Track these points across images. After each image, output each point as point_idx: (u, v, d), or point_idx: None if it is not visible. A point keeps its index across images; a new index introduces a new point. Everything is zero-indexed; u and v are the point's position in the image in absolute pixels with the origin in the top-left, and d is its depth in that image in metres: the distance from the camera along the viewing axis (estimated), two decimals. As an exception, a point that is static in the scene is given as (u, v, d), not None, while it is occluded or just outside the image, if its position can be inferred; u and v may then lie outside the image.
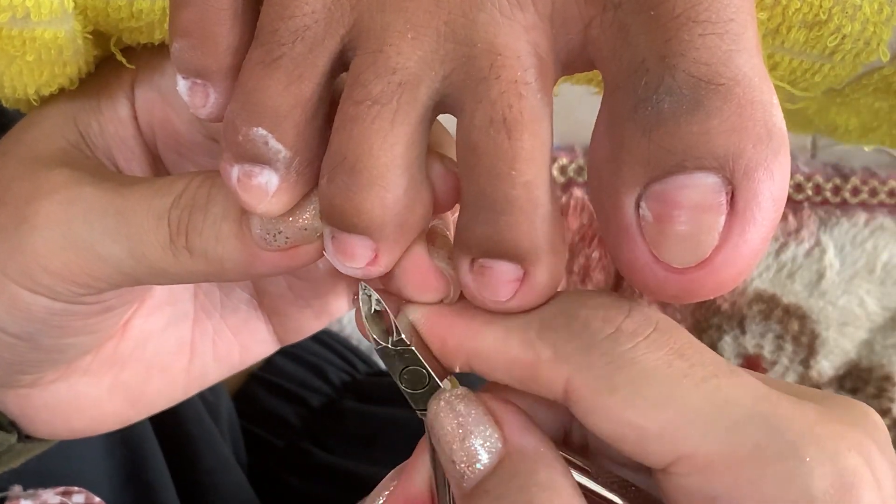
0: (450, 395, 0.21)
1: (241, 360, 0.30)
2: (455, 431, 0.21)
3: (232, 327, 0.30)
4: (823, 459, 0.18)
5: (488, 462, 0.20)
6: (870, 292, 0.93)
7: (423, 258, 0.21)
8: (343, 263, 0.21)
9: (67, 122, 0.26)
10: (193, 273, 0.23)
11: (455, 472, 0.21)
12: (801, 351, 0.96)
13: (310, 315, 0.30)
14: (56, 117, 0.26)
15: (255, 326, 0.30)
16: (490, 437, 0.20)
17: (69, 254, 0.23)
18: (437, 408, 0.21)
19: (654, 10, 0.18)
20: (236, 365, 0.30)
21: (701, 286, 0.18)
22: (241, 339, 0.30)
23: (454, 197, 0.21)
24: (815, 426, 0.18)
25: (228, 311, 0.30)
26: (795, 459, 0.18)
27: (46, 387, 0.27)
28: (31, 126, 0.26)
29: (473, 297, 0.21)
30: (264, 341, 0.30)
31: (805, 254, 0.92)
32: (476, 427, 0.21)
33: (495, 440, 0.20)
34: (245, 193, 0.20)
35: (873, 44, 0.23)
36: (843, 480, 0.18)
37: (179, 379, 0.29)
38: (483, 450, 0.20)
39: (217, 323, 0.30)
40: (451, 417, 0.21)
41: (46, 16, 0.22)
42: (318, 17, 0.19)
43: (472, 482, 0.20)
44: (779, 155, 0.18)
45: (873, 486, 0.18)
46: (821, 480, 0.18)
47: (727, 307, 0.95)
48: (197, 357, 0.29)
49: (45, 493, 0.31)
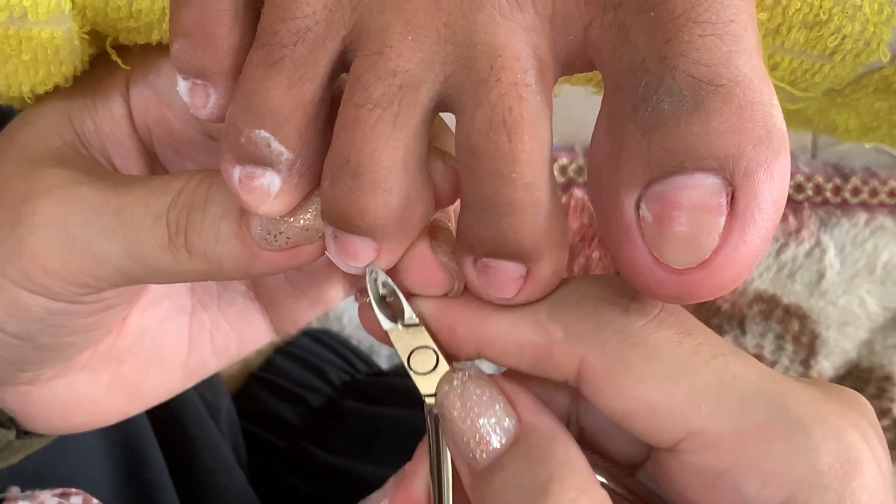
0: (463, 375, 0.21)
1: (238, 352, 0.30)
2: (470, 410, 0.21)
3: (229, 319, 0.30)
4: (829, 436, 0.19)
5: (504, 440, 0.20)
6: (870, 292, 0.93)
7: (426, 254, 0.22)
8: (345, 262, 0.21)
9: (62, 121, 0.26)
10: (192, 273, 0.23)
11: (467, 452, 0.21)
12: (801, 351, 0.96)
13: (306, 304, 0.30)
14: (51, 116, 0.26)
15: (252, 317, 0.30)
16: (505, 416, 0.21)
17: (66, 254, 0.23)
18: (449, 387, 0.21)
19: (655, 10, 0.18)
20: (234, 356, 0.30)
21: (701, 287, 0.18)
22: (238, 330, 0.30)
23: (455, 193, 0.21)
24: (819, 404, 0.19)
25: (225, 304, 0.30)
26: (802, 436, 0.19)
27: (45, 383, 0.27)
28: (26, 125, 0.26)
29: (479, 294, 0.21)
30: (261, 332, 0.30)
31: (805, 254, 0.92)
32: (492, 406, 0.21)
33: (510, 419, 0.21)
34: (247, 195, 0.20)
35: (873, 44, 0.23)
36: (848, 456, 0.19)
37: (177, 372, 0.29)
38: (499, 428, 0.20)
39: (214, 315, 0.30)
40: (466, 396, 0.21)
41: (44, 16, 0.22)
42: (319, 19, 0.19)
43: (485, 461, 0.20)
44: (779, 156, 0.18)
45: (873, 461, 0.19)
46: (827, 456, 0.18)
47: (727, 307, 0.95)
48: (195, 350, 0.29)
49: (42, 495, 0.31)
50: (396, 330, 0.22)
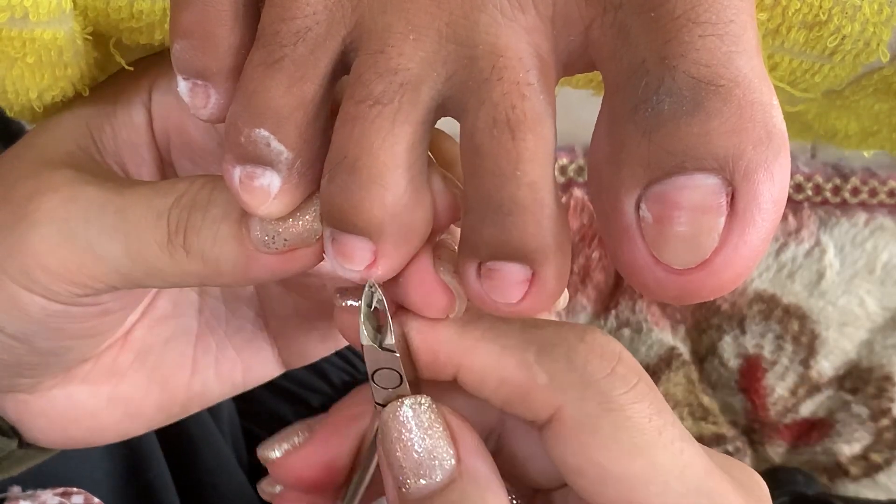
0: (415, 403, 0.21)
1: (243, 381, 0.30)
2: (411, 440, 0.21)
3: (236, 346, 0.30)
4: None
5: (440, 480, 0.21)
6: (870, 292, 0.93)
7: (428, 272, 0.21)
8: (342, 265, 0.21)
9: (80, 126, 0.26)
10: (189, 274, 0.23)
11: (398, 477, 0.21)
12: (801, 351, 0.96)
13: (316, 338, 0.30)
14: (69, 122, 0.26)
15: (260, 347, 0.30)
16: (445, 454, 0.21)
17: (66, 251, 0.23)
18: (399, 411, 0.21)
19: (655, 11, 0.18)
20: (238, 385, 0.30)
21: (701, 287, 0.18)
22: (244, 358, 0.30)
23: (452, 214, 0.21)
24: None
25: (233, 329, 0.30)
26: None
27: (44, 393, 0.27)
28: (44, 130, 0.26)
29: (483, 303, 0.21)
30: (268, 363, 0.30)
31: (805, 254, 0.92)
32: (435, 441, 0.21)
33: (450, 458, 0.21)
34: (247, 195, 0.20)
35: (873, 44, 0.23)
36: None
37: (179, 394, 0.29)
38: (437, 466, 0.21)
39: (221, 340, 0.29)
40: (413, 426, 0.21)
41: (45, 16, 0.22)
42: (320, 19, 0.20)
43: (416, 494, 0.21)
44: (779, 156, 0.18)
45: None
46: None
47: (727, 307, 0.95)
48: (198, 373, 0.29)
49: (43, 494, 0.31)
50: (372, 348, 0.22)
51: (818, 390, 0.99)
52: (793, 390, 0.99)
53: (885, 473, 1.03)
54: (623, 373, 0.21)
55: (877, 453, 1.01)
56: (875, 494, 1.03)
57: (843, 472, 1.03)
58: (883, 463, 1.02)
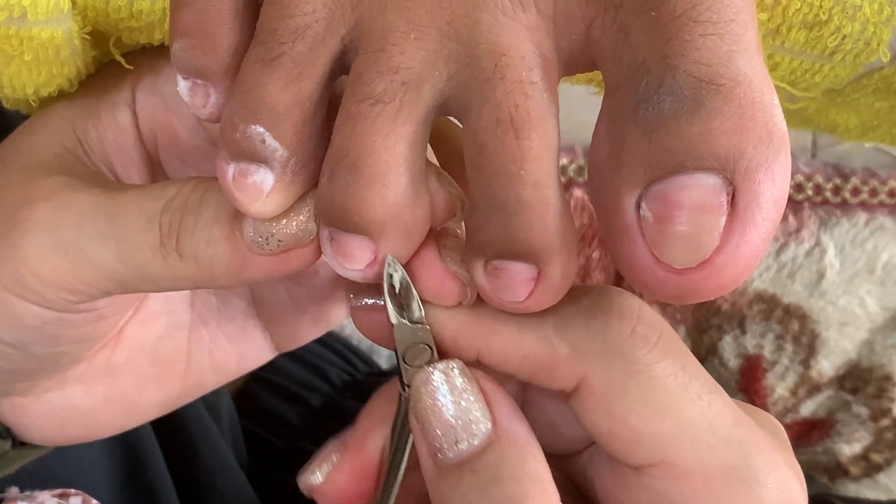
0: (446, 367, 0.21)
1: (237, 369, 0.30)
2: (446, 403, 0.21)
3: (228, 336, 0.30)
4: (779, 484, 0.21)
5: (476, 443, 0.20)
6: (870, 292, 0.93)
7: (435, 264, 0.21)
8: (342, 265, 0.21)
9: (65, 129, 0.25)
10: (183, 278, 0.23)
11: (434, 444, 0.21)
12: (801, 351, 0.96)
13: (308, 322, 0.30)
14: (54, 124, 0.26)
15: (252, 334, 0.30)
16: (482, 417, 0.21)
17: (59, 259, 0.23)
18: (431, 376, 0.21)
19: (656, 10, 0.18)
20: (233, 373, 0.30)
21: (701, 287, 0.18)
22: (237, 347, 0.30)
23: (448, 212, 0.21)
24: (773, 453, 0.21)
25: (225, 320, 0.30)
26: (757, 484, 0.20)
27: (41, 395, 0.27)
28: (29, 134, 0.26)
29: (490, 299, 0.21)
30: (261, 349, 0.30)
31: (805, 254, 0.92)
32: (470, 404, 0.21)
33: (486, 421, 0.21)
34: (239, 192, 0.20)
35: (873, 44, 0.23)
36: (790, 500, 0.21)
37: (175, 387, 0.29)
38: (474, 427, 0.21)
39: (213, 331, 0.29)
40: (446, 389, 0.21)
41: (43, 15, 0.22)
42: (319, 17, 0.19)
43: (454, 459, 0.20)
44: (779, 156, 0.18)
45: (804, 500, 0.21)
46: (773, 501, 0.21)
47: (727, 307, 0.95)
48: (193, 366, 0.29)
49: (41, 495, 0.31)
50: (402, 325, 0.21)
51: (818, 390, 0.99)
52: (793, 390, 0.99)
53: (886, 473, 1.03)
54: (643, 332, 0.21)
55: (877, 453, 1.01)
56: (875, 494, 1.03)
57: (843, 472, 1.03)
58: (883, 463, 1.02)
